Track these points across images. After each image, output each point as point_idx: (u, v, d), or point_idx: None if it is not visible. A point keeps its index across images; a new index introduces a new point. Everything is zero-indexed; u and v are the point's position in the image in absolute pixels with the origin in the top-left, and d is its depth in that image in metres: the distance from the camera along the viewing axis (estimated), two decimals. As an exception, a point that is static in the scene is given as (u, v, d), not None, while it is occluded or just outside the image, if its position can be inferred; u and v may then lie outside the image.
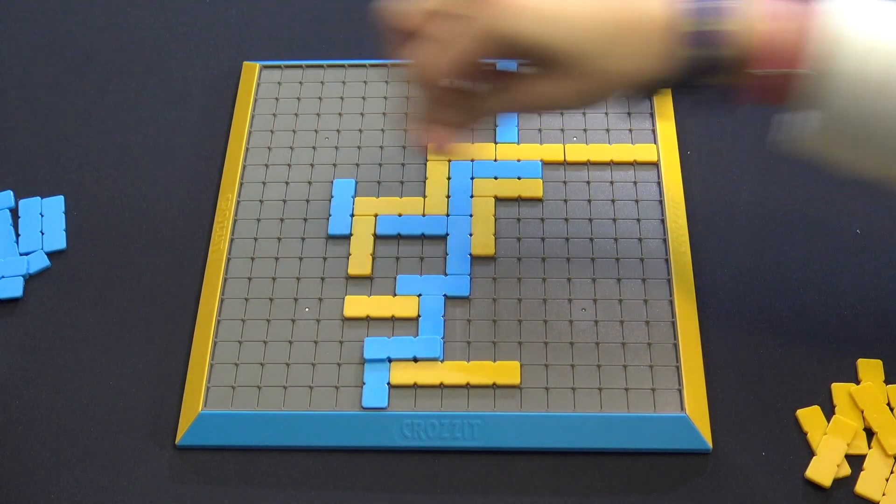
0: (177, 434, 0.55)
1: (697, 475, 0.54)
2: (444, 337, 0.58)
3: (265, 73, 0.70)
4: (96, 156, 0.67)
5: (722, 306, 0.59)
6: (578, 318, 0.58)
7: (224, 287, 0.60)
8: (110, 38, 0.74)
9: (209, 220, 0.63)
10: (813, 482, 0.53)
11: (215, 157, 0.66)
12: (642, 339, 0.57)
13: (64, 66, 0.72)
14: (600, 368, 0.56)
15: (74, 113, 0.69)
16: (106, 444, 0.55)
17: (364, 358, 0.57)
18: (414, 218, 0.63)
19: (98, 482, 0.54)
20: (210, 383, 0.57)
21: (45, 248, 0.63)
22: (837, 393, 0.55)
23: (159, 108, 0.70)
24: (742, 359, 0.57)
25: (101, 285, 0.61)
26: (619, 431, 0.54)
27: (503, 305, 0.59)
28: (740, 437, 0.55)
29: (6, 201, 0.65)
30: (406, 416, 0.55)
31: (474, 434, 0.54)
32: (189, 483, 0.54)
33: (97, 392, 0.57)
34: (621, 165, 0.64)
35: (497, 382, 0.56)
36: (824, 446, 0.53)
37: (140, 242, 0.63)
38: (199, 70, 0.71)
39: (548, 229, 0.62)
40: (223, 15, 0.75)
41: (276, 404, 0.56)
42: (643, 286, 0.59)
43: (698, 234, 0.62)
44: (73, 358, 0.59)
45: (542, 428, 0.54)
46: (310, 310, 0.59)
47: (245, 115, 0.68)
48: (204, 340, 0.58)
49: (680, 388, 0.55)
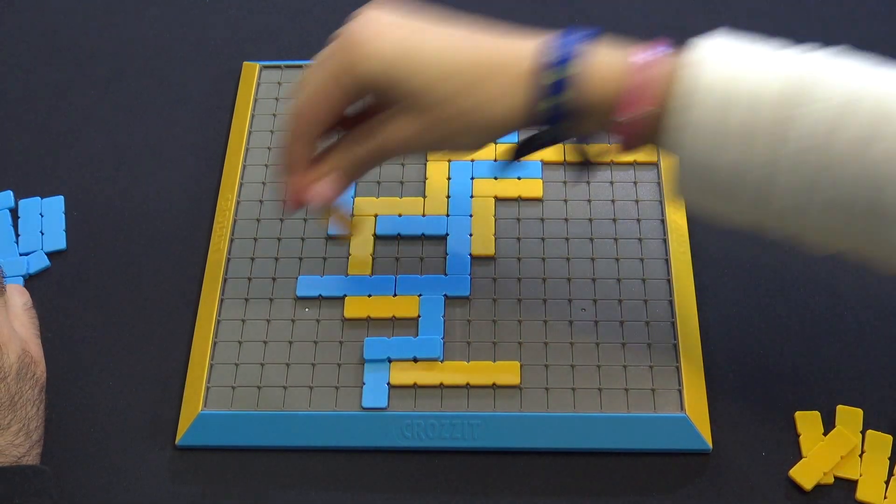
0: (177, 434, 0.55)
1: (697, 475, 0.54)
2: (444, 337, 0.58)
3: (265, 73, 0.70)
4: (96, 156, 0.67)
5: (722, 306, 0.59)
6: (578, 318, 0.58)
7: (224, 287, 0.60)
8: (110, 39, 0.73)
9: (209, 220, 0.63)
10: (795, 482, 0.53)
11: (215, 157, 0.66)
12: (642, 339, 0.57)
13: (64, 66, 0.72)
14: (600, 368, 0.56)
15: (74, 113, 0.69)
16: (106, 444, 0.55)
17: (364, 358, 0.57)
18: (414, 218, 0.63)
19: (98, 482, 0.54)
20: (210, 383, 0.57)
21: (45, 248, 0.63)
22: (841, 413, 0.55)
23: (159, 109, 0.70)
24: (742, 359, 0.57)
25: (101, 285, 0.61)
26: (619, 431, 0.54)
27: (503, 305, 0.59)
28: (740, 437, 0.55)
29: (6, 201, 0.64)
30: (406, 417, 0.55)
31: (474, 434, 0.54)
32: (189, 483, 0.54)
33: (97, 392, 0.57)
34: (621, 165, 0.64)
35: (497, 382, 0.56)
36: (817, 451, 0.53)
37: (140, 242, 0.63)
38: (199, 70, 0.71)
39: (548, 229, 0.62)
40: (223, 15, 0.75)
41: (276, 404, 0.56)
42: (643, 286, 0.59)
43: (698, 234, 0.62)
44: (73, 358, 0.59)
45: (542, 428, 0.54)
46: (310, 310, 0.59)
47: (245, 115, 0.68)
48: (204, 340, 0.58)
49: (680, 388, 0.55)
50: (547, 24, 0.66)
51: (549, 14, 0.73)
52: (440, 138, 0.49)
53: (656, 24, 0.72)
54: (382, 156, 0.51)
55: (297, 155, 0.51)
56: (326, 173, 0.51)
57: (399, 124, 0.49)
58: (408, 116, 0.48)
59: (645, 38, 0.48)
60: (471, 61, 0.47)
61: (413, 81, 0.47)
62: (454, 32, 0.49)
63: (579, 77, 0.46)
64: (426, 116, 0.48)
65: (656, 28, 0.72)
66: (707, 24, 0.72)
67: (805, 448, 0.54)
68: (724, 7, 0.73)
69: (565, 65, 0.46)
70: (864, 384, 0.56)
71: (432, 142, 0.49)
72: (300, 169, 0.51)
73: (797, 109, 0.44)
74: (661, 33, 0.72)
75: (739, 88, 0.44)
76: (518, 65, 0.47)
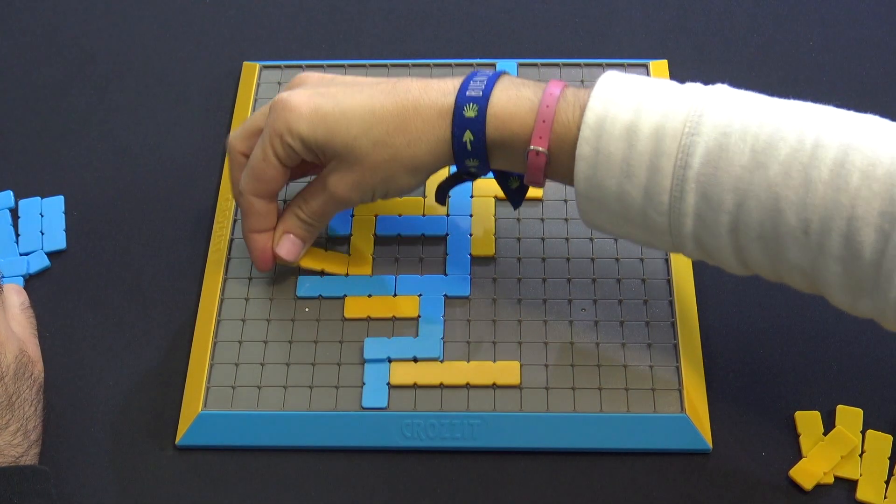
0: (177, 434, 0.55)
1: (697, 475, 0.54)
2: (444, 337, 0.58)
3: (265, 73, 0.70)
4: (96, 156, 0.67)
5: (722, 306, 0.59)
6: (578, 318, 0.58)
7: (224, 287, 0.60)
8: (110, 38, 0.74)
9: (209, 220, 0.63)
10: (795, 482, 0.53)
11: (215, 157, 0.66)
12: (642, 339, 0.57)
13: (64, 66, 0.72)
14: (600, 368, 0.56)
15: (74, 113, 0.69)
16: (106, 444, 0.55)
17: (364, 358, 0.57)
18: (414, 218, 0.63)
19: (98, 482, 0.54)
20: (210, 383, 0.57)
21: (45, 248, 0.63)
22: (841, 413, 0.55)
23: (159, 109, 0.70)
24: (742, 359, 0.57)
25: (101, 285, 0.61)
26: (619, 431, 0.54)
27: (503, 305, 0.59)
28: (740, 437, 0.55)
29: (6, 201, 0.65)
30: (406, 416, 0.55)
31: (474, 434, 0.54)
32: (189, 483, 0.54)
33: (97, 392, 0.57)
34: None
35: (497, 382, 0.56)
36: (817, 451, 0.53)
37: (140, 242, 0.63)
38: (199, 70, 0.71)
39: (548, 229, 0.62)
40: (223, 15, 0.75)
41: (276, 404, 0.56)
42: (643, 286, 0.59)
43: (698, 234, 0.62)
44: (73, 358, 0.59)
45: (542, 428, 0.54)
46: (310, 310, 0.59)
47: (245, 115, 0.68)
48: (204, 340, 0.58)
49: (680, 388, 0.55)
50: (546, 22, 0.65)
51: (549, 11, 0.73)
52: (379, 182, 0.53)
53: (656, 23, 0.72)
54: (334, 206, 0.56)
55: (261, 214, 0.56)
56: (285, 232, 0.57)
57: (339, 176, 0.54)
58: (344, 169, 0.53)
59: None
60: (392, 108, 0.52)
61: (336, 141, 0.52)
62: (374, 86, 0.53)
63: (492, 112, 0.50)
64: (358, 168, 0.53)
65: (656, 25, 0.72)
66: (706, 24, 0.73)
67: (805, 448, 0.54)
68: (724, 6, 0.73)
69: (472, 102, 0.51)
70: (864, 384, 0.56)
71: (373, 187, 0.54)
72: (266, 227, 0.56)
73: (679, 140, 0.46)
74: (661, 32, 0.72)
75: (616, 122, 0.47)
76: (439, 102, 0.52)
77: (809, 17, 0.73)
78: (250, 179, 0.55)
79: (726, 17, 0.73)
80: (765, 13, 0.73)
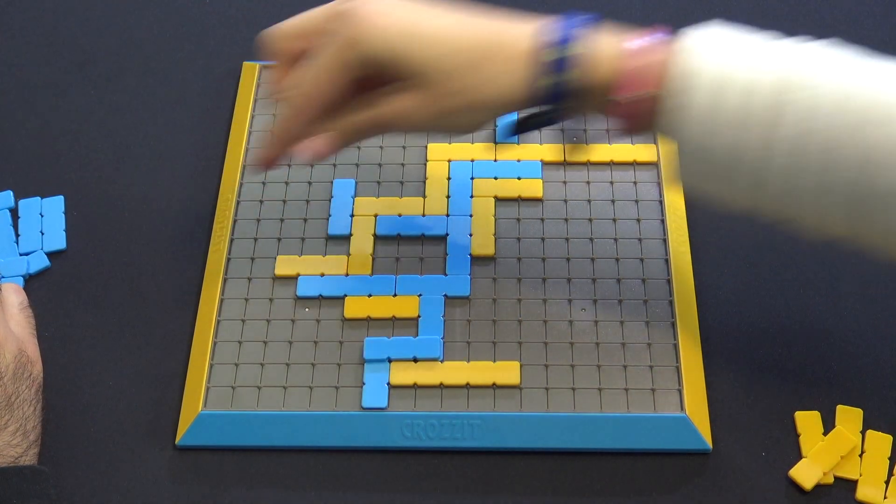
0: (177, 434, 0.55)
1: (697, 475, 0.54)
2: (444, 337, 0.58)
3: (265, 73, 0.70)
4: (96, 156, 0.67)
5: (722, 306, 0.59)
6: (578, 318, 0.58)
7: (224, 287, 0.60)
8: (110, 39, 0.73)
9: (209, 220, 0.63)
10: (795, 482, 0.53)
11: (215, 157, 0.66)
12: (642, 339, 0.57)
13: (64, 66, 0.72)
14: (600, 368, 0.56)
15: (74, 113, 0.69)
16: (106, 444, 0.55)
17: (364, 358, 0.57)
18: (414, 218, 0.63)
19: (98, 482, 0.54)
20: (210, 383, 0.57)
21: (45, 248, 0.63)
22: (841, 413, 0.55)
23: (159, 109, 0.70)
24: (742, 359, 0.57)
25: (101, 285, 0.61)
26: (619, 431, 0.54)
27: (503, 305, 0.59)
28: (740, 438, 0.55)
29: (6, 201, 0.64)
30: (406, 417, 0.55)
31: (474, 434, 0.54)
32: (189, 483, 0.54)
33: (97, 392, 0.57)
34: (621, 165, 0.64)
35: (497, 382, 0.56)
36: (817, 451, 0.53)
37: (140, 242, 0.63)
38: (199, 70, 0.71)
39: (548, 229, 0.62)
40: (223, 15, 0.75)
41: (275, 404, 0.56)
42: (643, 286, 0.59)
43: (698, 234, 0.62)
44: (73, 358, 0.59)
45: (542, 428, 0.54)
46: (310, 310, 0.59)
47: (245, 115, 0.68)
48: (204, 340, 0.58)
49: (680, 389, 0.55)
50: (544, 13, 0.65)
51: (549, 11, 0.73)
52: (439, 114, 0.49)
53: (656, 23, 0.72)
54: (380, 127, 0.51)
55: (294, 131, 0.52)
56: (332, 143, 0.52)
57: (400, 98, 0.49)
58: (409, 91, 0.49)
59: (643, 27, 0.49)
60: (472, 41, 0.48)
61: (416, 58, 0.48)
62: (456, 14, 0.50)
63: (579, 57, 0.48)
64: (427, 92, 0.49)
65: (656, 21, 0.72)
66: (705, 20, 0.73)
67: (805, 448, 0.54)
68: (723, 6, 0.73)
69: (566, 44, 0.48)
70: (864, 384, 0.56)
71: (431, 117, 0.50)
72: (295, 143, 0.52)
73: (791, 95, 0.45)
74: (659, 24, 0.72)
75: (734, 74, 0.45)
76: (519, 45, 0.48)
77: (809, 17, 0.73)
78: (300, 93, 0.50)
79: (726, 17, 0.73)
80: (765, 13, 0.73)
